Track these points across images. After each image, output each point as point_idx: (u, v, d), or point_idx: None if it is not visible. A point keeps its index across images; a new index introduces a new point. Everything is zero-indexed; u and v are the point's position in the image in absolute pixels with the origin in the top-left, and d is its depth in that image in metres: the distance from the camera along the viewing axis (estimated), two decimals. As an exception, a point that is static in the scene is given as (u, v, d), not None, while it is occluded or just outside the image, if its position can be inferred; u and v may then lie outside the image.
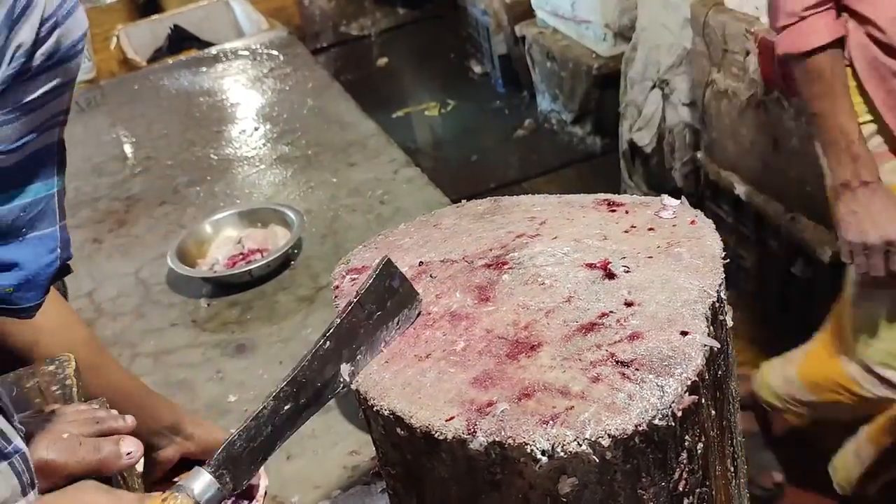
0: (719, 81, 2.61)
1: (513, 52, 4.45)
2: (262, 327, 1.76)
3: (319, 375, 0.87)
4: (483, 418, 0.80)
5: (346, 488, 1.31)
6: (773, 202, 2.54)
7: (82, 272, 2.06)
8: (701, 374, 0.80)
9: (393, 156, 2.34)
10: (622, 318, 0.87)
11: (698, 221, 1.01)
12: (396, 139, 2.54)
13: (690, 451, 0.81)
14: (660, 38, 3.04)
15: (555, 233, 1.04)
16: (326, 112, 2.70)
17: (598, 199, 1.10)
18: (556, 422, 0.77)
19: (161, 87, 3.15)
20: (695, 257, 0.94)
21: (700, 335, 0.83)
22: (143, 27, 3.97)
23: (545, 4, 3.91)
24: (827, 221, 2.35)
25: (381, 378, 0.89)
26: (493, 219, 1.11)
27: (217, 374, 1.65)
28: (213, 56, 3.34)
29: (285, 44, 3.35)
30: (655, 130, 3.19)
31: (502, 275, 0.98)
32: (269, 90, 2.97)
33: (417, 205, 2.05)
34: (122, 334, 1.83)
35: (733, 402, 0.95)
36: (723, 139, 2.72)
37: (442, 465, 0.82)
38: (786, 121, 2.37)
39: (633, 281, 0.92)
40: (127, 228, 2.26)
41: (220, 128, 2.77)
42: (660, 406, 0.77)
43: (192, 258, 1.97)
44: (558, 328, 0.88)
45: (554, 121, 4.14)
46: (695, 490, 0.84)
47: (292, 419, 0.87)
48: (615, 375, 0.80)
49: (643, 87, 3.18)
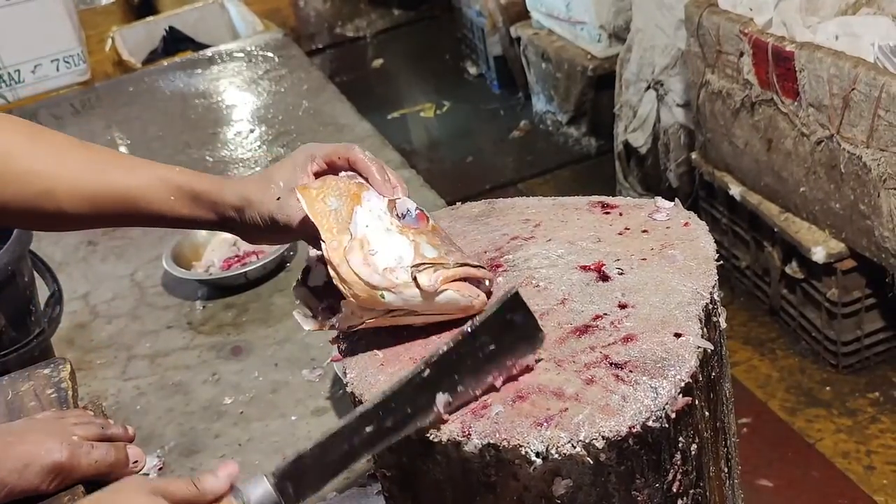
0: (713, 82, 2.62)
1: (508, 53, 4.45)
2: (258, 329, 1.76)
3: (411, 402, 0.81)
4: (478, 420, 0.80)
5: (341, 490, 1.31)
6: (767, 203, 2.55)
7: (77, 274, 2.05)
8: (694, 375, 0.81)
9: (388, 157, 2.33)
10: (616, 320, 0.88)
11: (692, 223, 1.02)
12: (392, 141, 2.54)
13: (684, 453, 0.82)
14: (654, 40, 3.05)
15: (549, 235, 1.04)
16: (322, 114, 2.70)
17: (592, 201, 1.10)
18: (550, 424, 0.77)
19: (156, 89, 3.15)
20: (688, 259, 0.95)
21: (693, 337, 0.83)
22: (138, 29, 3.96)
23: (540, 6, 3.91)
24: (820, 222, 2.36)
25: (376, 380, 0.89)
26: (487, 221, 1.11)
27: (213, 377, 1.65)
28: (209, 58, 3.34)
29: (280, 45, 3.35)
30: (650, 131, 3.20)
31: (497, 277, 0.99)
32: (264, 92, 2.97)
33: (413, 206, 2.05)
34: (118, 337, 1.82)
35: (727, 404, 0.95)
36: (717, 140, 2.73)
37: (437, 467, 0.83)
38: (780, 122, 2.38)
39: (627, 283, 0.93)
40: (122, 231, 2.26)
41: (215, 130, 2.77)
42: (653, 408, 0.77)
43: (187, 260, 1.97)
44: (552, 330, 0.88)
45: (549, 122, 4.14)
46: (689, 491, 0.84)
47: (371, 441, 0.81)
48: (609, 377, 0.81)
49: (638, 88, 3.18)
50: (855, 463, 2.22)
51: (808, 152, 2.30)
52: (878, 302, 2.39)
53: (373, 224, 0.93)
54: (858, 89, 2.05)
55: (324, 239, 0.91)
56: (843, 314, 2.37)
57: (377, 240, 0.91)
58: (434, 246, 0.93)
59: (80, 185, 0.99)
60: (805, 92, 2.23)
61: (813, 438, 2.31)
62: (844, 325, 2.40)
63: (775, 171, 2.47)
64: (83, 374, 1.67)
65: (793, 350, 2.59)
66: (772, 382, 2.51)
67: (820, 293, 2.41)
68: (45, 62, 3.20)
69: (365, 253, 0.89)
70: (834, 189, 2.25)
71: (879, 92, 2.00)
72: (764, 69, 2.35)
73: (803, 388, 2.47)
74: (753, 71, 2.41)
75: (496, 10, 4.35)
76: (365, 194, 0.97)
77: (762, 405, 2.44)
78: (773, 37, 2.30)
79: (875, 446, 2.25)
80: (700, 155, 2.87)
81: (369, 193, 0.97)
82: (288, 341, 1.71)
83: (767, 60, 2.32)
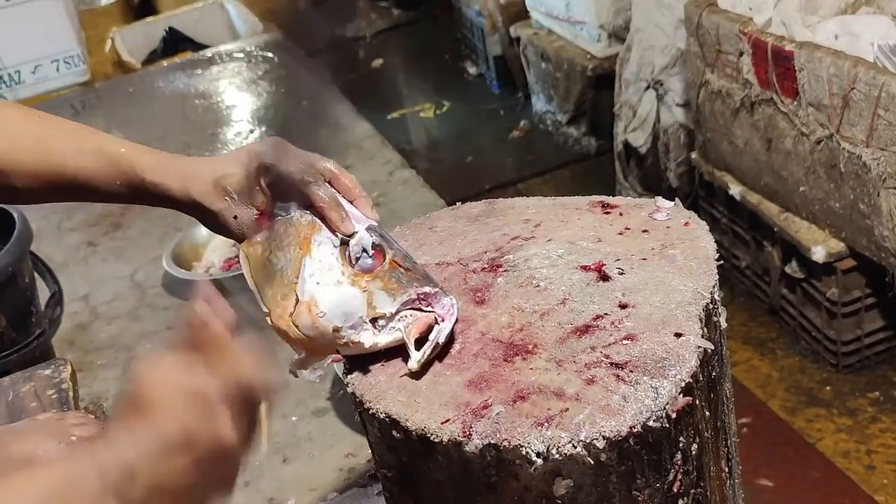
0: (713, 82, 2.62)
1: (507, 53, 4.45)
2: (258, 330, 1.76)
3: None
4: (478, 421, 0.80)
5: (342, 491, 1.31)
6: (767, 202, 2.55)
7: (77, 275, 2.06)
8: (695, 375, 0.81)
9: (388, 157, 2.34)
10: (616, 319, 0.88)
11: (692, 223, 1.02)
12: (391, 141, 2.55)
13: (685, 453, 0.82)
14: (654, 39, 3.05)
15: (549, 235, 1.04)
16: (321, 114, 2.70)
17: (592, 201, 1.10)
18: (550, 424, 0.77)
19: (156, 90, 3.15)
20: (689, 259, 0.95)
21: (694, 337, 0.83)
22: (138, 29, 3.96)
23: (539, 5, 3.91)
24: (820, 221, 2.36)
25: (377, 381, 0.89)
26: (487, 221, 1.11)
27: (213, 377, 1.65)
28: (208, 58, 3.34)
29: (280, 46, 3.35)
30: (650, 131, 3.20)
31: (497, 277, 0.99)
32: (263, 92, 2.97)
33: (412, 207, 2.05)
34: (118, 337, 1.83)
35: (727, 403, 0.95)
36: (717, 139, 2.72)
37: (438, 467, 0.83)
38: (779, 121, 2.38)
39: (628, 283, 0.93)
40: (122, 231, 2.26)
41: (215, 130, 2.77)
42: (654, 408, 0.77)
43: (187, 261, 1.97)
44: (553, 330, 0.88)
45: (549, 122, 4.14)
46: (689, 491, 0.84)
47: None
48: (610, 377, 0.81)
49: (638, 87, 3.18)
50: (855, 462, 2.22)
51: (808, 152, 2.30)
52: (878, 301, 2.38)
53: (322, 278, 0.90)
54: (858, 89, 2.05)
55: (267, 309, 0.90)
56: (843, 314, 2.37)
57: (325, 298, 0.89)
58: (389, 291, 0.89)
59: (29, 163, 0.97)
60: (805, 91, 2.23)
61: (813, 438, 2.31)
62: (844, 325, 2.39)
63: (775, 170, 2.47)
64: (84, 375, 1.67)
65: (793, 350, 2.59)
66: (772, 382, 2.51)
67: (820, 293, 2.41)
68: (45, 63, 3.20)
69: (313, 316, 0.88)
70: (834, 188, 2.25)
71: (879, 91, 2.00)
72: (763, 69, 2.36)
73: (803, 387, 2.46)
74: (753, 70, 2.41)
75: (496, 9, 4.35)
76: (316, 238, 0.93)
77: (762, 405, 2.44)
78: (772, 36, 2.30)
79: (875, 446, 2.25)
80: (700, 155, 2.87)
81: (321, 236, 0.94)
82: (288, 342, 1.70)
83: (767, 60, 2.32)
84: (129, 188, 0.98)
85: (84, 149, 0.98)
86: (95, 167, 0.97)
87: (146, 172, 0.97)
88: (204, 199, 0.96)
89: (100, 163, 0.97)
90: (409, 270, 0.92)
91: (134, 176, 0.97)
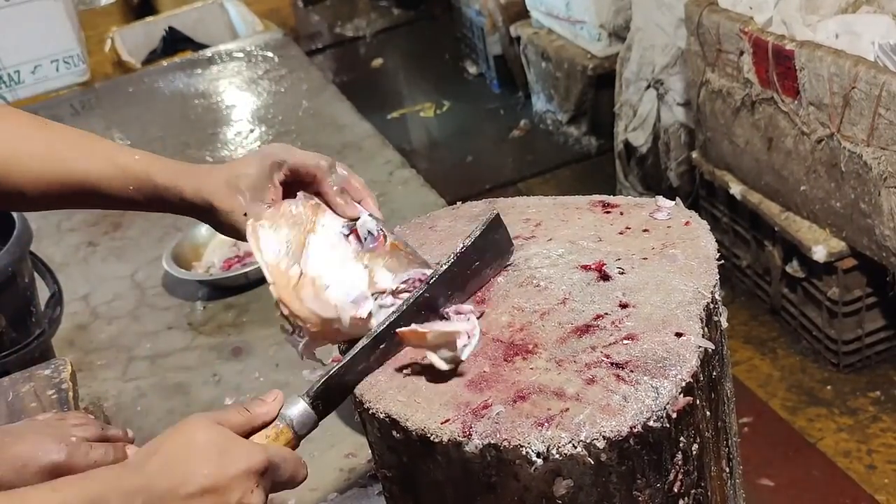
0: (714, 81, 2.62)
1: (508, 52, 4.45)
2: (259, 330, 1.76)
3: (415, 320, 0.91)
4: (478, 421, 0.80)
5: (342, 491, 1.31)
6: (767, 201, 2.55)
7: (77, 275, 2.06)
8: (695, 375, 0.81)
9: (388, 157, 2.33)
10: (617, 319, 0.88)
11: (693, 223, 1.01)
12: (392, 140, 2.54)
13: (685, 452, 0.82)
14: (654, 39, 3.05)
15: (550, 234, 1.04)
16: (321, 114, 2.70)
17: (592, 200, 1.10)
18: (551, 424, 0.77)
19: (156, 90, 3.15)
20: (689, 259, 0.95)
21: (694, 336, 0.83)
22: (138, 29, 3.96)
23: (540, 5, 3.91)
24: (821, 221, 2.36)
25: (377, 381, 0.89)
26: (488, 221, 1.11)
27: (213, 377, 1.65)
28: (208, 58, 3.34)
29: (280, 45, 3.35)
30: (650, 130, 3.20)
31: (497, 277, 0.99)
32: (264, 92, 2.97)
33: (413, 206, 2.04)
34: (118, 337, 1.83)
35: (728, 403, 0.95)
36: (717, 139, 2.72)
37: (438, 467, 0.83)
38: (780, 120, 2.38)
39: (628, 282, 0.92)
40: (122, 231, 2.26)
41: (215, 130, 2.77)
42: (654, 407, 0.77)
43: (187, 261, 1.97)
44: (553, 330, 0.88)
45: (549, 121, 4.14)
46: (690, 491, 0.84)
47: (384, 356, 0.91)
48: (610, 377, 0.81)
49: (638, 87, 3.18)
50: (856, 462, 2.21)
51: (809, 151, 2.30)
52: (879, 301, 2.38)
53: (326, 254, 0.94)
54: (859, 88, 2.05)
55: (271, 282, 0.92)
56: (843, 313, 2.37)
57: (330, 272, 0.93)
58: (390, 269, 0.95)
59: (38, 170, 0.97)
60: (805, 90, 2.23)
61: (814, 438, 2.30)
62: (845, 324, 2.39)
63: (776, 169, 2.47)
64: (84, 375, 1.67)
65: (794, 349, 2.58)
66: (773, 382, 2.50)
67: (821, 292, 2.41)
68: (45, 63, 3.20)
69: (317, 288, 0.91)
70: (834, 188, 2.25)
71: (880, 90, 1.99)
72: (764, 68, 2.35)
73: (804, 387, 2.46)
74: (754, 70, 2.41)
75: (496, 9, 4.35)
76: (321, 219, 0.97)
77: (763, 404, 2.44)
78: (773, 35, 2.30)
79: (876, 445, 2.25)
80: (700, 154, 2.87)
81: (325, 217, 0.98)
82: (288, 342, 1.70)
83: (767, 59, 2.32)
84: (141, 193, 0.99)
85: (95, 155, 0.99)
86: (107, 172, 0.98)
87: (158, 176, 0.98)
88: (215, 197, 0.97)
89: (112, 168, 0.98)
90: (409, 254, 0.98)
91: (146, 179, 0.98)
